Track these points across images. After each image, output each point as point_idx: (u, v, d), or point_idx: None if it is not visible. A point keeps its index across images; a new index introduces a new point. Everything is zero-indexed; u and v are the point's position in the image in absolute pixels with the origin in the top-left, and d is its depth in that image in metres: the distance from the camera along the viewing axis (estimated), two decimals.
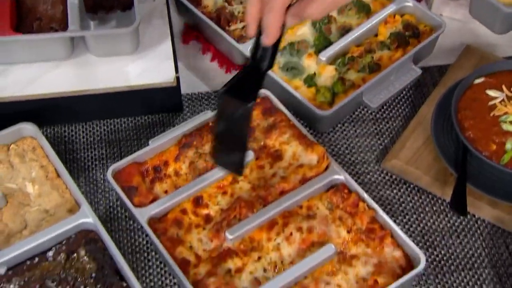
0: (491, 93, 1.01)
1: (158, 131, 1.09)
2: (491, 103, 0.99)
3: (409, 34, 1.15)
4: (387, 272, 0.89)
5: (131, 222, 1.00)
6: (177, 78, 1.05)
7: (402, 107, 1.13)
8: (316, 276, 0.89)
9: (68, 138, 1.08)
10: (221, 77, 1.17)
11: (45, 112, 1.04)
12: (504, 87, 1.01)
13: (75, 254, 0.89)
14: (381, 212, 0.93)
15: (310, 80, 1.10)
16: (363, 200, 0.95)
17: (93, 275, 0.88)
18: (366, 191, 0.97)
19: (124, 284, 0.87)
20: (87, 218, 0.92)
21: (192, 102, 1.14)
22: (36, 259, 0.89)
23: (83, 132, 1.09)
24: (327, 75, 1.11)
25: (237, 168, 0.90)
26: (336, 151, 1.08)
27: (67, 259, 0.89)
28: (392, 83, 1.11)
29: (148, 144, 1.01)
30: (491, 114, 0.98)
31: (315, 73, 1.11)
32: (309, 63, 1.12)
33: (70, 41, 1.04)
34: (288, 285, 0.88)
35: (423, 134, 1.07)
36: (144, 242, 0.98)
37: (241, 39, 1.14)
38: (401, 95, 1.15)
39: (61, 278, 0.87)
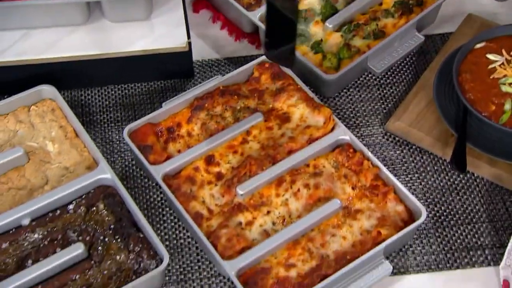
0: (491, 57, 1.05)
1: (170, 95, 1.14)
2: (491, 66, 1.03)
3: (413, 3, 1.18)
4: (389, 225, 0.93)
5: (146, 180, 1.05)
6: (189, 43, 1.09)
7: (406, 73, 1.18)
8: (322, 229, 0.94)
9: (85, 101, 1.13)
10: (230, 45, 1.22)
11: (63, 76, 1.09)
12: (503, 51, 1.05)
13: (94, 208, 0.95)
14: (384, 170, 0.98)
15: (317, 46, 1.14)
16: (368, 159, 1.00)
17: (112, 226, 0.93)
18: (370, 152, 1.02)
19: (141, 235, 0.92)
20: (105, 174, 0.97)
21: (203, 69, 1.18)
22: (58, 211, 0.94)
23: (98, 96, 1.14)
24: (333, 41, 1.15)
25: (288, 60, 0.93)
26: (342, 115, 1.12)
27: (86, 212, 0.94)
28: (396, 49, 1.15)
29: (161, 107, 1.05)
30: (491, 77, 1.02)
31: (321, 40, 1.15)
32: (316, 30, 1.16)
33: (86, 6, 1.08)
34: (295, 236, 0.93)
35: (425, 98, 1.11)
36: (159, 199, 1.03)
37: (250, 7, 1.18)
38: (405, 61, 1.19)
39: (81, 229, 0.92)
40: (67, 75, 1.09)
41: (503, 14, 1.24)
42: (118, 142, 1.09)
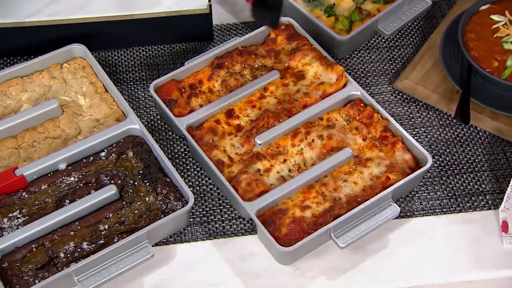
0: (495, 17, 1.11)
1: (191, 57, 1.20)
2: (494, 26, 1.10)
3: None
4: (398, 171, 1.01)
5: (170, 133, 1.12)
6: (210, 6, 1.16)
7: (413, 36, 1.24)
8: (335, 175, 1.02)
9: (112, 62, 1.21)
10: (247, 10, 1.28)
11: (92, 37, 1.16)
12: (507, 12, 1.11)
13: (124, 155, 1.02)
14: (393, 121, 1.05)
15: (329, 10, 1.20)
16: (377, 112, 1.07)
17: (140, 172, 1.01)
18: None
19: (168, 179, 1.00)
20: (134, 125, 1.04)
21: (222, 32, 1.25)
22: (91, 158, 1.02)
23: (124, 57, 1.22)
24: (345, 5, 1.21)
25: (273, 22, 1.02)
26: (353, 75, 1.19)
27: (117, 159, 1.02)
28: (404, 13, 1.21)
29: (184, 65, 1.13)
30: (494, 36, 1.09)
31: (334, 4, 1.21)
32: None
33: None
34: (310, 181, 1.01)
35: (432, 59, 1.18)
36: (182, 150, 1.11)
37: None
38: (413, 25, 1.25)
39: (113, 173, 1.00)
40: (95, 36, 1.17)
41: None
42: (143, 99, 1.16)
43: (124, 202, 0.97)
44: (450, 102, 1.13)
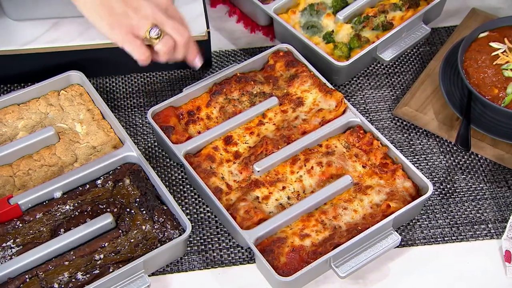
0: (494, 45, 1.11)
1: (189, 83, 1.20)
2: (494, 53, 1.10)
3: None
4: (398, 199, 0.99)
5: (168, 160, 1.11)
6: (208, 33, 1.16)
7: (413, 63, 1.24)
8: (335, 203, 1.00)
9: (110, 88, 1.20)
10: (246, 37, 1.28)
11: (90, 63, 1.16)
12: (506, 40, 1.11)
13: (121, 183, 1.01)
14: (393, 149, 1.04)
15: (328, 37, 1.20)
16: (377, 139, 1.06)
17: (137, 200, 0.99)
18: None
19: (165, 207, 0.98)
20: (131, 152, 1.03)
21: (220, 59, 1.25)
22: (87, 186, 1.01)
23: (122, 83, 1.21)
24: (344, 33, 1.21)
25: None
26: (352, 102, 1.19)
27: (114, 187, 1.01)
28: (403, 39, 1.21)
29: (182, 92, 1.12)
30: (494, 63, 1.08)
31: (333, 31, 1.21)
32: (328, 22, 1.22)
33: None
34: (309, 209, 0.99)
35: (431, 85, 1.17)
36: (180, 177, 1.09)
37: (265, 0, 1.24)
38: (412, 52, 1.25)
39: (109, 201, 0.99)
40: (93, 63, 1.16)
41: (506, 9, 1.31)
42: (141, 126, 1.15)
43: (120, 231, 0.96)
44: (450, 129, 1.12)
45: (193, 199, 1.06)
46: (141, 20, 0.89)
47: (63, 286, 0.90)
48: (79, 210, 0.97)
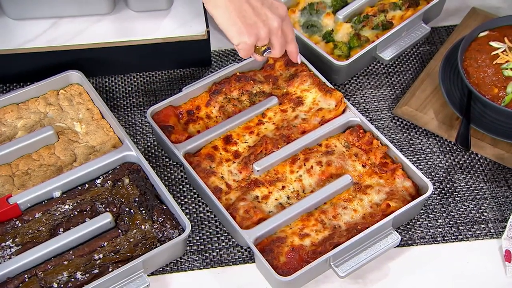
0: (494, 44, 1.11)
1: (189, 83, 1.20)
2: (494, 53, 1.09)
3: None
4: (398, 199, 0.99)
5: (167, 159, 1.11)
6: (208, 32, 1.16)
7: (412, 63, 1.24)
8: (334, 202, 1.00)
9: (109, 88, 1.20)
10: None
11: (89, 63, 1.15)
12: (506, 39, 1.11)
13: (120, 182, 1.01)
14: (393, 148, 1.04)
15: (328, 36, 1.20)
16: (377, 138, 1.05)
17: (136, 199, 0.99)
18: None
19: (164, 207, 0.98)
20: (130, 151, 1.03)
21: (219, 58, 1.25)
22: (86, 185, 1.00)
23: (121, 83, 1.21)
24: (344, 32, 1.21)
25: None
26: (352, 101, 1.18)
27: (113, 186, 1.00)
28: (403, 39, 1.21)
29: (182, 91, 1.12)
30: (494, 62, 1.08)
31: (332, 30, 1.21)
32: (327, 22, 1.22)
33: None
34: (309, 209, 0.99)
35: (431, 85, 1.17)
36: (179, 177, 1.09)
37: None
38: (412, 51, 1.25)
39: (108, 201, 0.98)
40: (93, 62, 1.16)
41: (505, 9, 1.30)
42: (140, 125, 1.15)
43: (119, 230, 0.95)
44: (450, 129, 1.11)
45: (193, 199, 1.06)
46: (267, 35, 0.97)
47: (62, 285, 0.90)
48: (78, 210, 0.97)
